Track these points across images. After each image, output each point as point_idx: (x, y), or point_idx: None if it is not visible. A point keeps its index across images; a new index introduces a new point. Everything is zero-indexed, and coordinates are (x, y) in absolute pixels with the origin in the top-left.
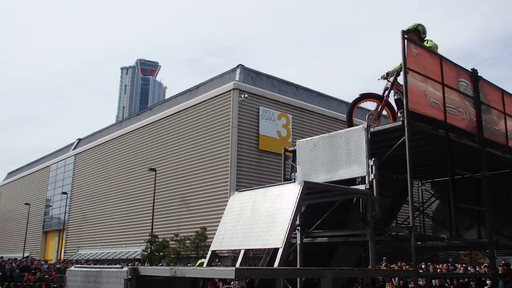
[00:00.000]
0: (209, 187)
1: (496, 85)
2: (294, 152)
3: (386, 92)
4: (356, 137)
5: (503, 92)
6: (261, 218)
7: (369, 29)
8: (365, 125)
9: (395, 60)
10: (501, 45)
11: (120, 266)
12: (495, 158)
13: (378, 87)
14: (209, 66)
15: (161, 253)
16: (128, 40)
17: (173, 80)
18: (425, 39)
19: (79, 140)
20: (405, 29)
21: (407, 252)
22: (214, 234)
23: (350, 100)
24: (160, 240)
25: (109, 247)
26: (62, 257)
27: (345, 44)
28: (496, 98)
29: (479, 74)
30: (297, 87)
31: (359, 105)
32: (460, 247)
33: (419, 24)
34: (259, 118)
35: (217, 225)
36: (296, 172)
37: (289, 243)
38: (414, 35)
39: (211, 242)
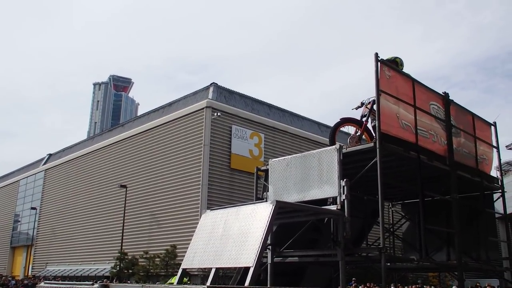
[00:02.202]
0: (180, 205)
1: (467, 109)
2: (266, 171)
3: (365, 118)
4: (328, 158)
5: (473, 116)
6: (232, 237)
7: (343, 51)
8: (337, 145)
9: (368, 82)
10: (474, 68)
11: (91, 282)
12: (465, 180)
13: (352, 108)
14: (182, 83)
15: (130, 271)
16: (101, 56)
17: (146, 96)
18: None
19: (50, 155)
20: (385, 58)
21: (377, 272)
22: (184, 252)
23: (323, 121)
24: (130, 257)
25: (78, 263)
26: (29, 273)
27: (319, 64)
28: (467, 121)
29: (450, 98)
30: (270, 106)
31: (340, 129)
32: (429, 269)
33: (397, 57)
34: (231, 136)
35: (188, 243)
36: (268, 191)
37: (260, 262)
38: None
39: (181, 260)
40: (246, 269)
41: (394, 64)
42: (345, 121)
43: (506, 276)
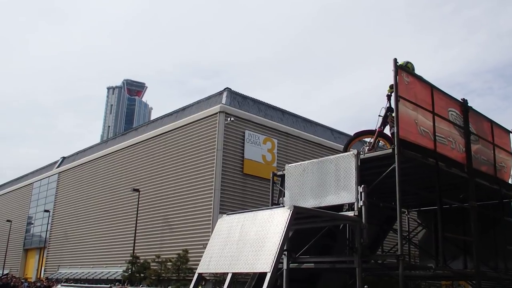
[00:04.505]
0: (192, 209)
1: (485, 115)
2: (282, 176)
3: (378, 124)
4: (345, 164)
5: (492, 122)
6: (249, 242)
7: (358, 57)
8: (355, 151)
9: (383, 89)
10: (491, 75)
11: (109, 286)
12: (483, 188)
13: (363, 117)
14: (195, 88)
15: (142, 275)
16: (115, 60)
17: (159, 100)
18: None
19: (63, 158)
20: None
21: (390, 280)
22: (196, 256)
23: (336, 127)
24: (141, 261)
25: (90, 267)
26: (42, 276)
27: (332, 71)
28: (485, 128)
29: (469, 104)
30: (283, 112)
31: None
32: (446, 277)
33: (408, 62)
34: (244, 141)
35: (200, 248)
36: (284, 196)
37: (277, 268)
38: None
39: (193, 264)
40: (261, 275)
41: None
42: (358, 135)
43: None
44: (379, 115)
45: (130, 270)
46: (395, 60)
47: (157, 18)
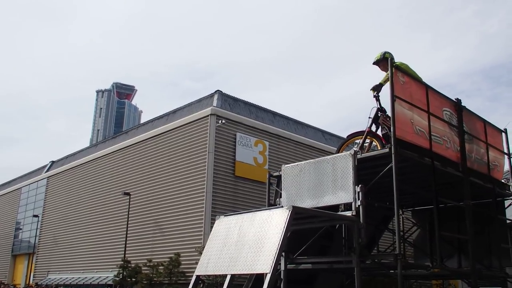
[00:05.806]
0: (184, 212)
1: (479, 115)
2: (279, 177)
3: (368, 124)
4: (343, 164)
5: (485, 122)
6: (248, 243)
7: (353, 59)
8: (352, 151)
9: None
10: (480, 77)
11: None
12: (477, 187)
13: (362, 117)
14: (188, 90)
15: (134, 279)
16: (108, 61)
17: (150, 103)
18: (395, 63)
19: (52, 162)
20: (374, 60)
21: (383, 280)
22: (188, 260)
23: (331, 129)
24: (133, 265)
25: (80, 272)
26: (31, 282)
27: (330, 73)
28: (479, 128)
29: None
30: (274, 114)
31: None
32: (442, 276)
33: (386, 52)
34: (235, 144)
35: (192, 251)
36: (281, 197)
37: (276, 269)
38: (385, 63)
39: (185, 268)
40: (258, 276)
41: (387, 61)
42: (351, 137)
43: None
44: (369, 117)
45: (121, 274)
46: (391, 60)
47: (155, 19)
